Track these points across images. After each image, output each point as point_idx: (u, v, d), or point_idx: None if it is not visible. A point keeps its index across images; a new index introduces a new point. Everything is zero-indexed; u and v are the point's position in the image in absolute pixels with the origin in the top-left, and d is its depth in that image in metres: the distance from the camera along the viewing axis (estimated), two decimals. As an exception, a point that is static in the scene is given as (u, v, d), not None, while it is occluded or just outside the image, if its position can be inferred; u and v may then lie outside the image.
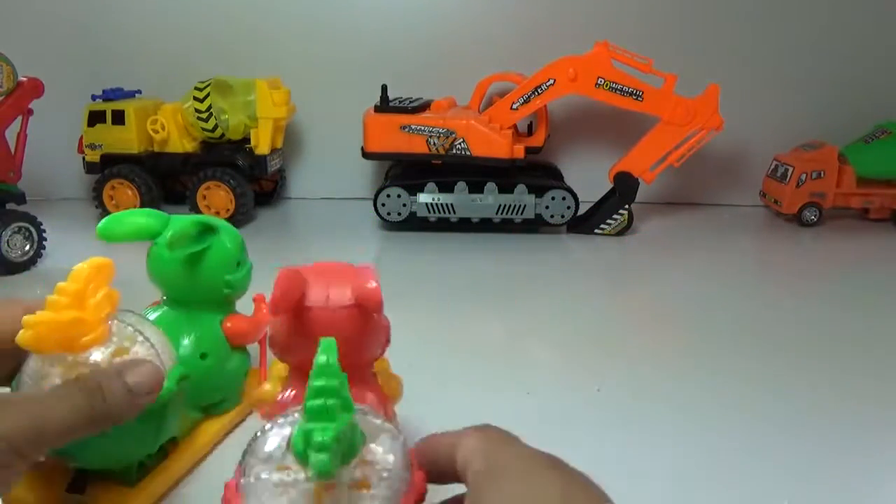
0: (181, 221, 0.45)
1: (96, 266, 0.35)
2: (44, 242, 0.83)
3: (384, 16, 1.10)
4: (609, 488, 0.25)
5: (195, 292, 0.46)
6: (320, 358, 0.27)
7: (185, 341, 0.45)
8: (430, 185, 0.97)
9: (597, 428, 0.50)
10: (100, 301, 0.35)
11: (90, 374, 0.33)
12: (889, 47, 1.10)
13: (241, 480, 0.28)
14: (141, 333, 0.37)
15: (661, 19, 1.09)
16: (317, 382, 0.26)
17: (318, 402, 0.26)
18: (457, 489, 0.29)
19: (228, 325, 0.46)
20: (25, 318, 0.33)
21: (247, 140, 1.04)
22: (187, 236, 0.44)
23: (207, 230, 0.45)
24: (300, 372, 0.36)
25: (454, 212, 0.98)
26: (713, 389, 0.56)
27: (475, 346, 0.64)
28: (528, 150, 0.98)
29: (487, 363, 0.60)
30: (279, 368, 0.39)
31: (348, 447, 0.27)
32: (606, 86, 0.93)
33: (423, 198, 0.97)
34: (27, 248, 0.82)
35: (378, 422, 0.30)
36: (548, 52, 0.95)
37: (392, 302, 0.73)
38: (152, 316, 0.45)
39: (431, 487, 0.30)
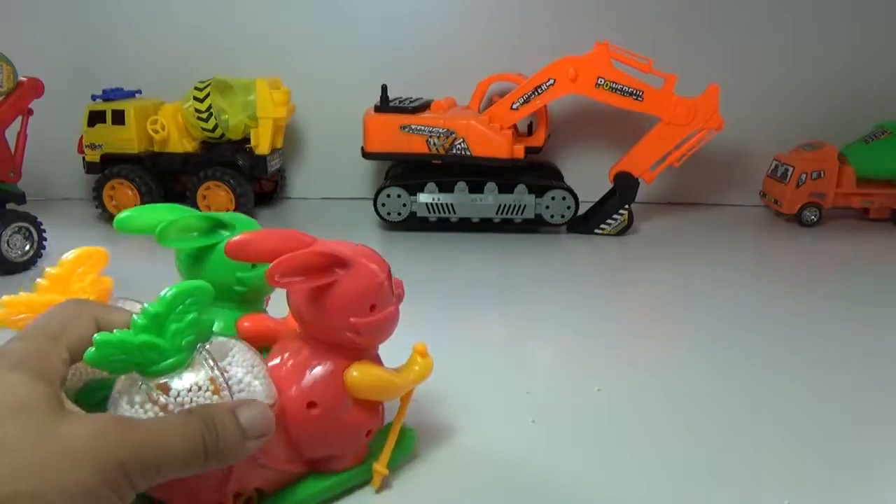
0: (191, 216, 0.43)
1: (85, 253, 0.36)
2: (44, 242, 0.83)
3: (384, 16, 1.10)
4: (609, 488, 0.25)
5: None
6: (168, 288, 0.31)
7: None
8: (430, 185, 0.97)
9: (597, 428, 0.50)
10: (85, 287, 0.36)
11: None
12: (889, 47, 1.10)
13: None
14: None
15: (661, 19, 1.09)
16: (149, 304, 0.31)
17: (137, 317, 0.30)
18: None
19: (246, 324, 0.43)
20: (3, 298, 0.34)
21: (247, 140, 1.04)
22: (181, 229, 0.42)
23: (218, 227, 0.43)
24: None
25: (454, 212, 0.98)
26: (713, 390, 0.56)
27: (475, 346, 0.64)
28: (528, 150, 0.97)
29: (487, 363, 0.60)
30: None
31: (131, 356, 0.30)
32: (606, 86, 0.93)
33: (423, 198, 0.97)
34: (27, 248, 0.82)
35: (243, 355, 0.35)
36: (548, 52, 0.95)
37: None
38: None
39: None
